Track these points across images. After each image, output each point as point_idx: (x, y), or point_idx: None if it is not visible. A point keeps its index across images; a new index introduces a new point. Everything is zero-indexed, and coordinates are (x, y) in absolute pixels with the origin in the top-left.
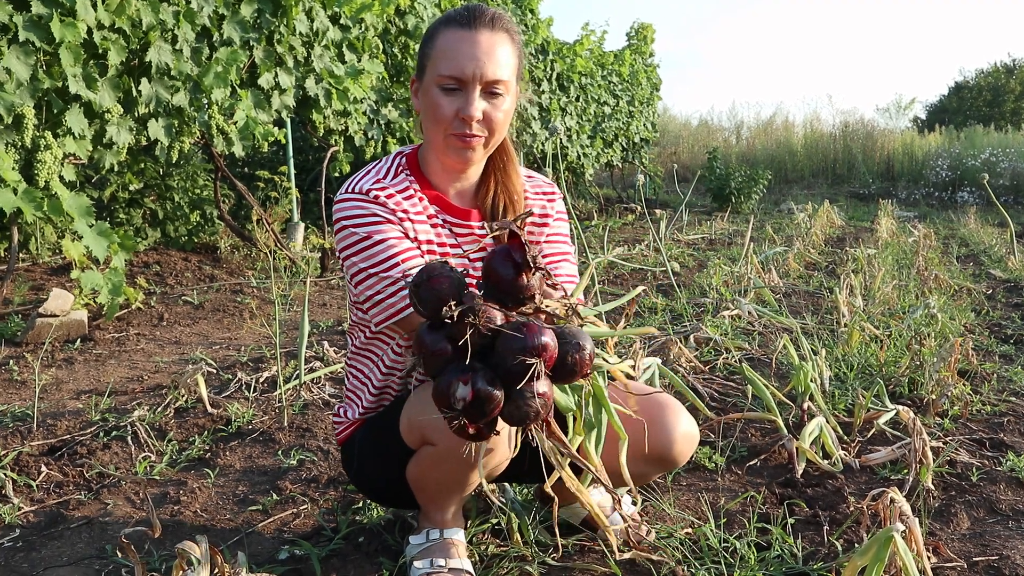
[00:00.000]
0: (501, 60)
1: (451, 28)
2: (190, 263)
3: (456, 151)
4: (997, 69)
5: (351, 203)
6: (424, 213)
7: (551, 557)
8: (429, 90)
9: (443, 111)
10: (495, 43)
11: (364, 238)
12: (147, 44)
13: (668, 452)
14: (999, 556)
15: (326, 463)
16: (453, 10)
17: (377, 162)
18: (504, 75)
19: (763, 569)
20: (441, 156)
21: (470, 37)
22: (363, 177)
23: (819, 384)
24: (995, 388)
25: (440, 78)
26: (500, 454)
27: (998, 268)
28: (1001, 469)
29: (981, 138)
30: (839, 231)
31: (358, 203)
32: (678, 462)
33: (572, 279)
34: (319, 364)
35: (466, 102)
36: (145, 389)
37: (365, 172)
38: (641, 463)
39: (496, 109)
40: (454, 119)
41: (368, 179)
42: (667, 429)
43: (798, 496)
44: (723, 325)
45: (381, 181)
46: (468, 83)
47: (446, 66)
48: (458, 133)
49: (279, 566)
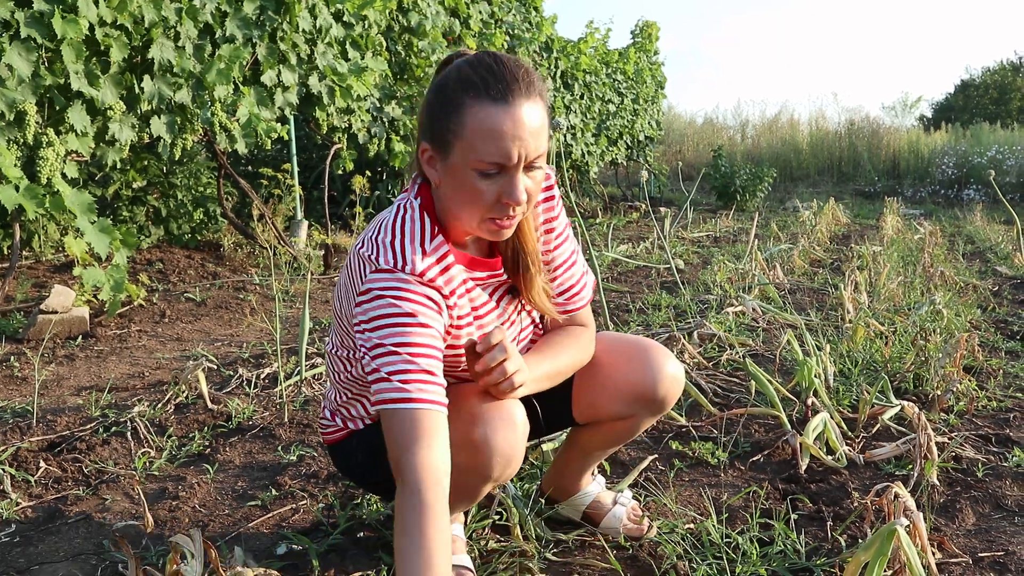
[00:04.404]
0: (541, 132)
1: (484, 105)
2: (193, 260)
3: (493, 232)
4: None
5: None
6: (458, 279)
7: (551, 552)
8: (461, 172)
9: (485, 198)
10: (535, 114)
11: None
12: (149, 41)
13: (654, 390)
14: (1004, 552)
15: (326, 459)
16: (476, 71)
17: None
18: (544, 147)
19: (765, 564)
20: (471, 230)
21: (511, 116)
22: (401, 243)
23: (823, 380)
24: (1001, 384)
25: (481, 164)
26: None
27: (1004, 265)
28: (1007, 465)
29: (987, 136)
30: (844, 229)
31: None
32: (665, 402)
33: (584, 281)
34: (321, 360)
35: (512, 187)
36: (146, 385)
37: (400, 234)
38: (629, 402)
39: (535, 181)
40: (495, 204)
41: (414, 252)
42: (653, 367)
43: (801, 492)
44: (727, 322)
45: (427, 253)
46: (513, 168)
47: (487, 152)
48: (497, 216)
49: (277, 561)
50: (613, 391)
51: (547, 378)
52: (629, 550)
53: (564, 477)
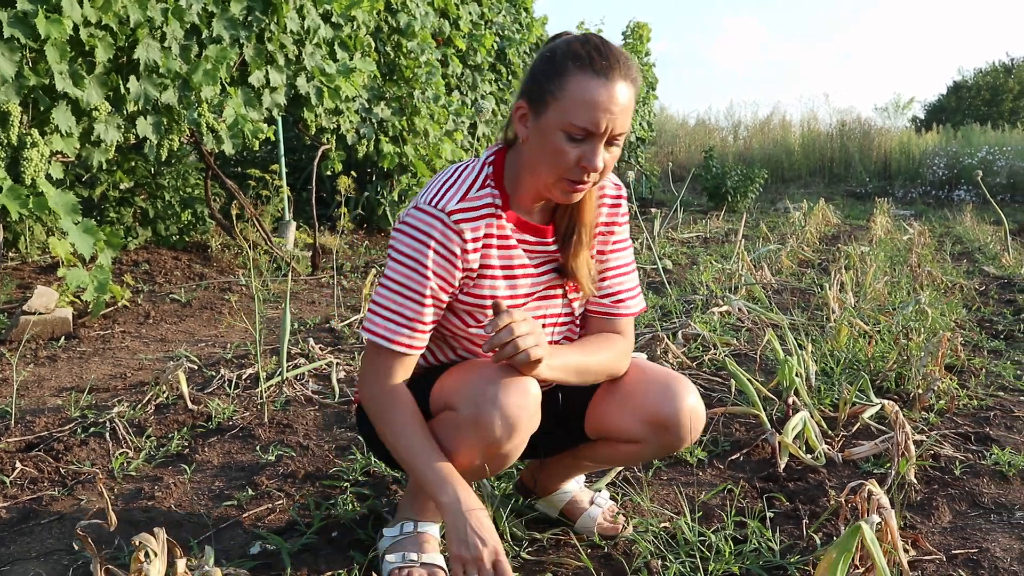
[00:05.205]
0: (629, 112)
1: (587, 74)
2: (180, 262)
3: (564, 193)
4: (995, 68)
5: (429, 220)
6: (499, 232)
7: (525, 551)
8: (550, 131)
9: (566, 158)
10: (626, 95)
11: (416, 259)
12: (135, 41)
13: (670, 417)
14: (979, 549)
15: (304, 458)
16: (584, 47)
17: (464, 168)
18: (627, 127)
19: (739, 562)
20: (544, 190)
21: (608, 91)
22: (449, 188)
23: (804, 379)
24: (983, 383)
25: (570, 126)
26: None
27: (992, 265)
28: (985, 463)
29: (978, 136)
30: (834, 229)
31: (434, 224)
32: (677, 432)
33: (636, 292)
34: (304, 361)
35: (592, 153)
36: (127, 386)
37: (451, 181)
38: (642, 424)
39: (612, 156)
40: (575, 166)
41: (453, 194)
42: (675, 395)
43: (779, 490)
44: (712, 321)
45: (467, 197)
46: (598, 136)
47: (579, 117)
48: (574, 179)
49: (249, 560)
50: (630, 408)
51: (575, 371)
52: (604, 548)
53: (547, 475)
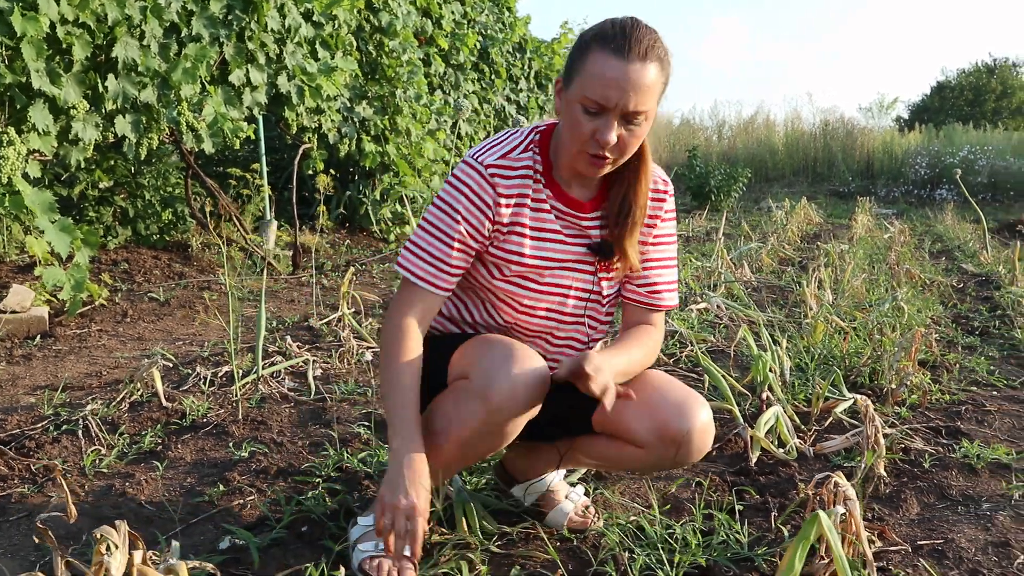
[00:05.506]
0: (646, 92)
1: (604, 51)
2: (160, 261)
3: (585, 165)
4: (979, 69)
5: (468, 171)
6: (535, 195)
7: (495, 544)
8: (572, 104)
9: (582, 129)
10: (645, 74)
11: (450, 204)
12: (113, 39)
13: (682, 436)
14: (944, 540)
15: (278, 455)
16: (610, 25)
17: (512, 132)
18: (646, 107)
19: (706, 554)
20: (571, 162)
21: (620, 68)
22: (493, 147)
23: (779, 374)
24: (956, 378)
25: (584, 99)
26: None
27: (971, 263)
28: (954, 456)
29: (960, 136)
30: (816, 228)
31: (471, 175)
32: (688, 452)
33: (673, 287)
34: (281, 359)
35: (605, 127)
36: (102, 384)
37: (497, 141)
38: (650, 428)
39: (632, 135)
40: (590, 139)
41: (495, 152)
42: (688, 414)
43: (750, 484)
44: (690, 319)
45: (507, 156)
46: (610, 111)
47: (592, 91)
48: (590, 152)
49: (218, 555)
50: (644, 414)
51: (621, 375)
52: (573, 542)
53: (535, 460)
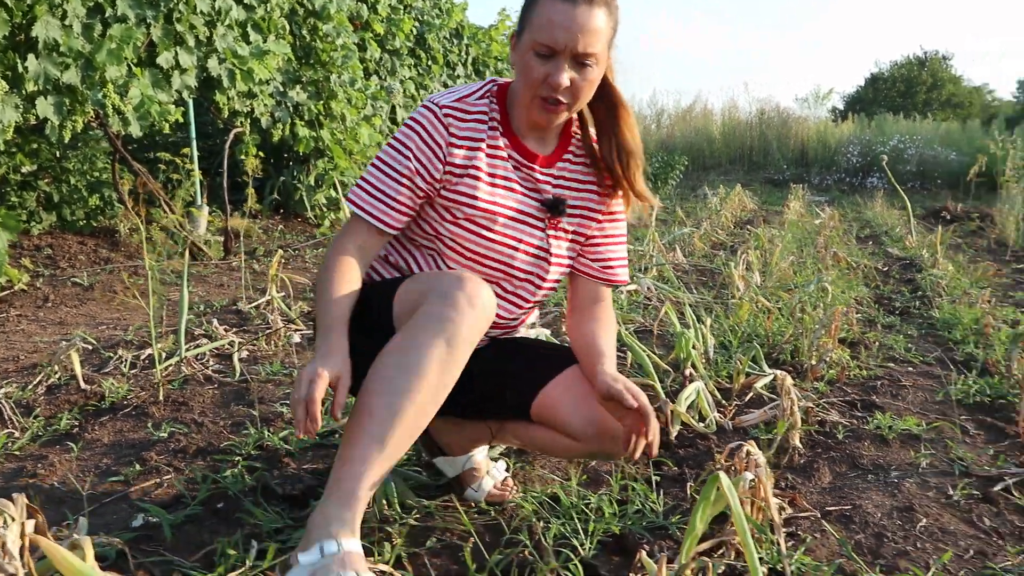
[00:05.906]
0: (594, 34)
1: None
2: (86, 247)
3: (540, 111)
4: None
5: (423, 112)
6: (491, 141)
7: (414, 518)
8: (524, 51)
9: (534, 74)
10: (592, 17)
11: (402, 142)
12: (33, 18)
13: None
14: (852, 506)
15: (199, 435)
16: None
17: (472, 84)
18: (595, 48)
19: (621, 523)
20: (526, 111)
21: (568, 11)
22: (450, 92)
23: (703, 352)
24: (874, 355)
25: (535, 44)
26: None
27: (896, 247)
28: (867, 428)
29: (891, 126)
30: (750, 214)
31: (426, 115)
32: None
33: (625, 263)
34: (206, 341)
35: (556, 69)
36: (19, 368)
37: (455, 88)
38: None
39: (583, 79)
40: (543, 83)
41: (451, 96)
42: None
43: (669, 457)
44: (620, 300)
45: (463, 100)
46: (560, 53)
47: (541, 35)
48: (544, 96)
49: (130, 532)
50: (585, 409)
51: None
52: (491, 514)
53: (465, 437)
